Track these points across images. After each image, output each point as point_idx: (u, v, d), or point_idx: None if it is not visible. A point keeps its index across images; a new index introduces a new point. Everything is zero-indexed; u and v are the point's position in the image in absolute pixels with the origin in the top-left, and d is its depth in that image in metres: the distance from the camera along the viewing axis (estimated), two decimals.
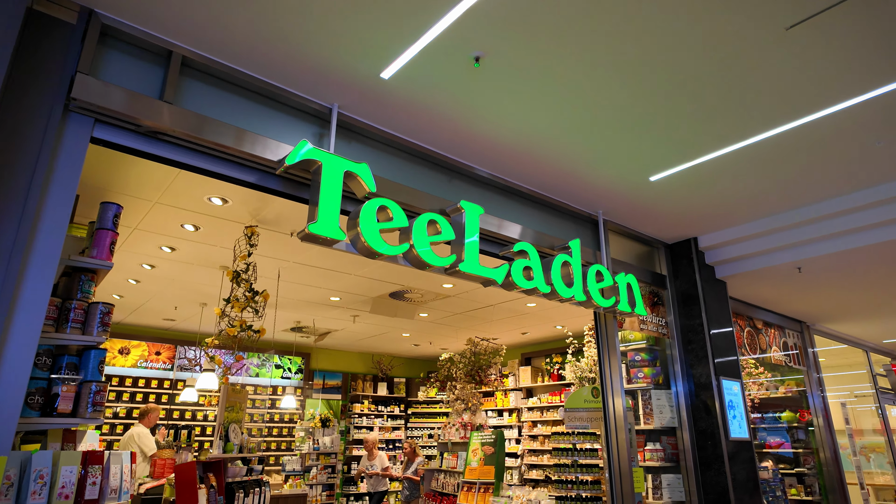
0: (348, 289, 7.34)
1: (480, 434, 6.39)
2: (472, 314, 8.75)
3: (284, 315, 8.82)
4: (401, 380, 12.72)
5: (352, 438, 11.58)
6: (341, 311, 8.62)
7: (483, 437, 6.31)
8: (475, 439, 6.44)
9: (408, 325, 9.64)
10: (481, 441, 6.33)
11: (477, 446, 6.34)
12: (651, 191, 4.60)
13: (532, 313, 8.64)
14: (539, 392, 10.96)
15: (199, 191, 4.57)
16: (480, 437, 6.36)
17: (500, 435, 6.18)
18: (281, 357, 11.16)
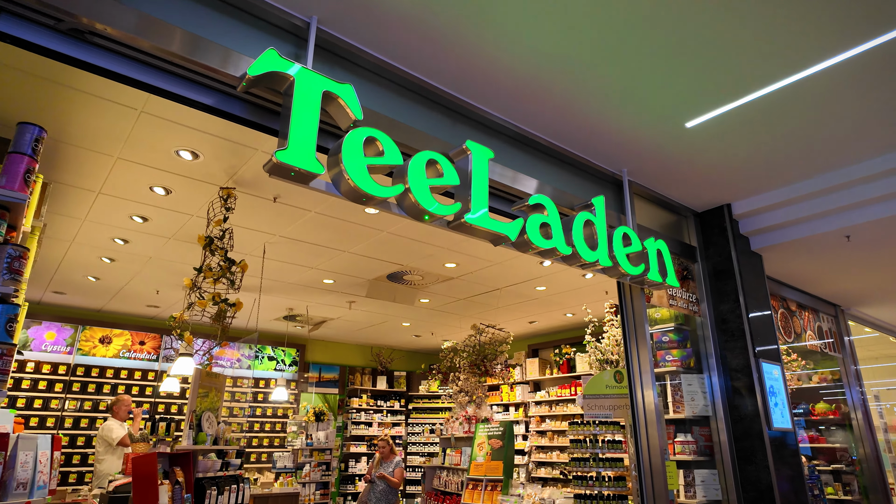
0: (342, 269, 6.74)
1: (487, 426, 5.78)
2: (476, 300, 8.14)
3: (275, 301, 8.22)
4: (401, 373, 12.12)
5: (349, 434, 10.98)
6: (336, 297, 8.02)
7: (490, 430, 5.70)
8: (481, 432, 5.83)
9: (408, 313, 9.04)
10: (488, 434, 5.72)
11: (483, 439, 5.73)
12: (685, 142, 3.98)
13: (541, 298, 8.03)
14: (547, 385, 10.35)
15: (165, 142, 3.97)
16: (487, 429, 5.75)
17: (508, 426, 5.57)
18: (274, 348, 10.56)
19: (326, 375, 11.23)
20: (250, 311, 8.41)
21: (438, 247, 5.97)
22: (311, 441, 8.06)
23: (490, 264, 6.53)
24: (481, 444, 5.71)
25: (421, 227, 5.38)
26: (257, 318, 8.33)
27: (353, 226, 5.42)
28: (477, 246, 5.89)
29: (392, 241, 5.83)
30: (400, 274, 6.98)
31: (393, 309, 8.76)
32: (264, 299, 8.10)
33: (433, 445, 11.52)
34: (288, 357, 10.69)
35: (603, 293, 7.71)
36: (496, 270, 6.78)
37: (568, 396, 9.59)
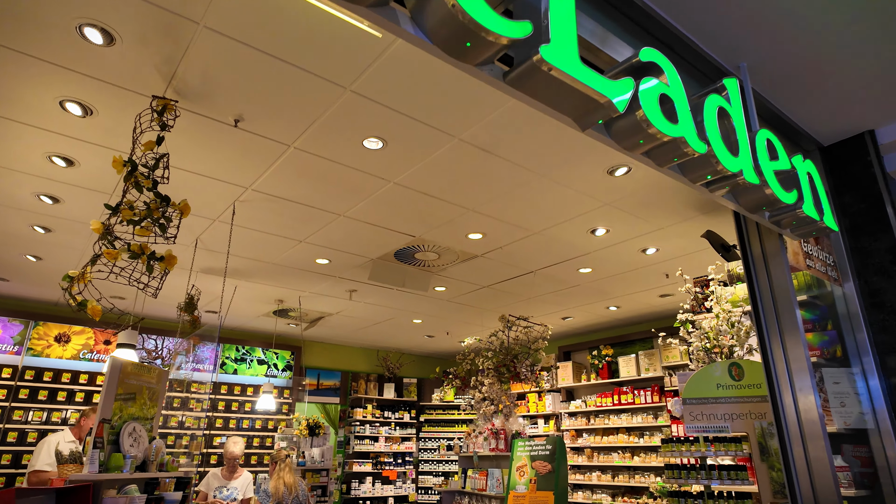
0: (339, 243, 5.35)
1: (528, 443, 4.33)
2: (503, 289, 6.71)
3: (260, 291, 6.83)
4: (411, 380, 10.66)
5: (352, 451, 9.52)
6: (333, 284, 6.63)
7: (533, 448, 4.25)
8: (520, 451, 4.38)
9: (419, 306, 7.62)
10: (530, 453, 4.27)
11: (524, 461, 4.28)
12: (829, 33, 2.57)
13: (583, 285, 6.58)
14: (583, 394, 8.85)
15: (64, 9, 2.60)
16: (528, 447, 4.30)
17: (558, 443, 4.12)
18: (265, 350, 9.16)
19: (326, 382, 9.80)
20: (230, 302, 7.03)
21: (462, 207, 4.57)
22: (303, 460, 6.66)
23: (527, 234, 5.11)
24: (522, 469, 4.25)
25: (438, 176, 3.99)
26: (228, 306, 6.94)
27: (348, 172, 4.03)
28: (511, 206, 4.48)
29: (400, 198, 4.44)
30: (410, 251, 5.57)
31: (402, 301, 7.34)
32: (247, 288, 6.71)
33: (450, 464, 10.02)
34: (281, 361, 9.28)
35: (661, 277, 6.26)
36: (533, 244, 5.35)
37: (610, 406, 8.09)
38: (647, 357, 7.83)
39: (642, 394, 7.75)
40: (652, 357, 7.78)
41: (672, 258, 5.68)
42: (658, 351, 7.70)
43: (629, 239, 5.21)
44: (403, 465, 9.91)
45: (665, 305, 7.44)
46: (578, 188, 4.23)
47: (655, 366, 7.71)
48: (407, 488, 9.74)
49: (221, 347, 8.72)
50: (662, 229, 5.00)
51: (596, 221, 4.84)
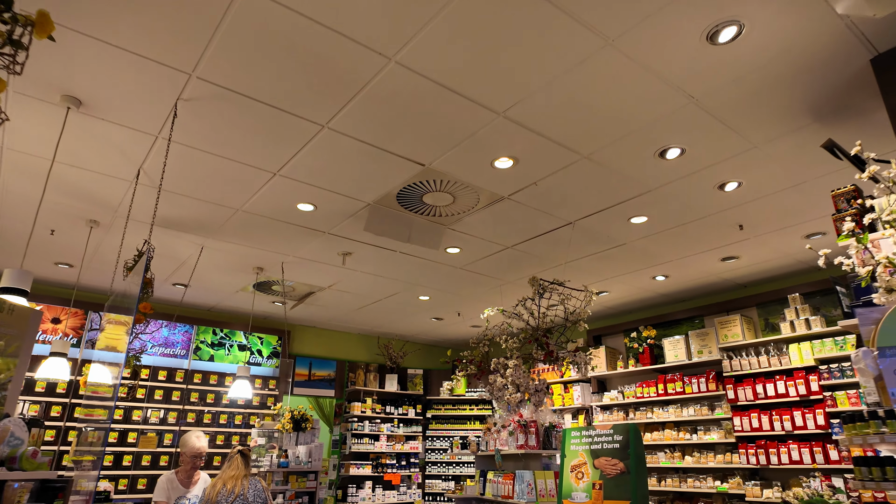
0: (324, 177, 4.10)
1: (588, 433, 3.06)
2: (528, 250, 5.45)
3: (232, 253, 5.59)
4: (416, 371, 9.40)
5: (349, 451, 8.26)
6: (322, 244, 5.38)
7: (595, 440, 2.98)
8: (575, 443, 3.11)
9: (427, 277, 6.36)
10: (591, 447, 3.00)
11: (582, 459, 3.01)
12: None
13: (632, 245, 5.31)
14: (618, 383, 7.58)
15: None
16: (589, 439, 3.04)
17: (632, 433, 2.85)
18: (247, 334, 7.91)
19: (319, 373, 8.54)
20: (194, 266, 5.79)
21: (488, 109, 3.31)
22: (285, 460, 5.42)
23: (572, 160, 3.85)
24: (580, 469, 2.98)
25: (458, 45, 2.74)
26: (192, 270, 5.63)
27: (328, 40, 2.78)
28: (558, 107, 3.22)
29: (404, 93, 3.18)
30: (417, 192, 4.32)
31: (405, 269, 6.09)
32: (217, 250, 5.46)
33: (462, 466, 8.74)
34: (266, 347, 8.03)
35: (732, 229, 4.99)
36: (578, 177, 4.10)
37: (653, 397, 6.81)
38: (700, 338, 6.55)
39: (694, 381, 6.47)
40: (705, 338, 6.50)
41: (755, 199, 4.41)
42: (714, 330, 6.42)
43: (708, 166, 3.94)
44: (408, 467, 8.64)
45: (724, 274, 6.16)
46: (659, 68, 2.97)
47: (710, 347, 6.42)
48: (412, 494, 8.48)
49: (195, 329, 7.47)
50: (756, 148, 3.72)
51: (670, 134, 3.58)
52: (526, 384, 5.56)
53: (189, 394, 7.07)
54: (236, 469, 3.96)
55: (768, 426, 5.71)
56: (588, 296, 4.81)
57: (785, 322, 5.85)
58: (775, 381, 5.78)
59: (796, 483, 5.45)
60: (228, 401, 7.33)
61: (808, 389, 5.52)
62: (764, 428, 5.74)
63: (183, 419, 6.92)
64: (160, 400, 6.85)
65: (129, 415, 6.52)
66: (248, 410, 7.44)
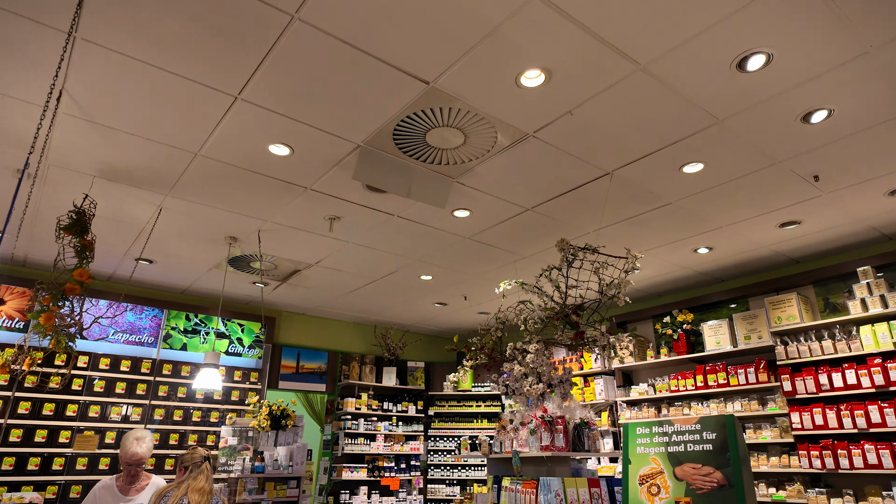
0: (297, 103, 3.19)
1: (660, 429, 2.15)
2: (553, 213, 4.54)
3: (200, 218, 4.69)
4: (417, 364, 8.49)
5: (342, 453, 7.35)
6: (304, 204, 4.47)
7: (673, 439, 2.08)
8: (644, 444, 2.21)
9: (429, 250, 5.45)
10: (668, 448, 2.09)
11: (656, 467, 2.11)
12: None
13: (678, 204, 4.40)
14: (646, 376, 6.68)
15: None
16: (664, 435, 2.13)
17: (729, 428, 1.96)
18: (227, 321, 7.01)
19: (308, 365, 7.64)
20: (150, 230, 4.90)
21: None
22: (261, 464, 4.52)
23: (623, 74, 2.94)
24: (653, 480, 2.08)
25: None
26: (148, 235, 4.68)
27: None
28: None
29: None
30: (419, 128, 3.42)
31: (405, 240, 5.19)
32: (179, 213, 4.55)
33: (470, 470, 7.84)
34: (248, 335, 7.12)
35: (805, 182, 4.09)
36: (626, 102, 3.19)
37: (691, 391, 5.90)
38: (747, 321, 5.64)
39: (740, 372, 5.56)
40: (754, 321, 5.59)
41: (843, 136, 3.50)
42: (764, 311, 5.52)
43: (797, 85, 3.03)
44: (408, 470, 7.74)
45: (777, 245, 5.26)
46: None
47: (760, 331, 5.51)
48: (413, 501, 7.57)
49: (166, 314, 6.56)
50: (866, 55, 2.82)
51: (756, 33, 2.67)
52: (549, 373, 4.68)
53: (157, 387, 6.17)
54: (206, 482, 3.07)
55: (835, 423, 4.81)
56: (630, 261, 3.90)
57: (853, 300, 4.95)
58: (843, 369, 4.87)
59: (874, 492, 4.55)
60: (203, 395, 6.43)
61: (887, 379, 4.61)
62: (830, 425, 4.83)
63: (149, 416, 6.02)
64: (122, 394, 5.94)
65: (63, 410, 5.58)
66: (227, 407, 6.54)
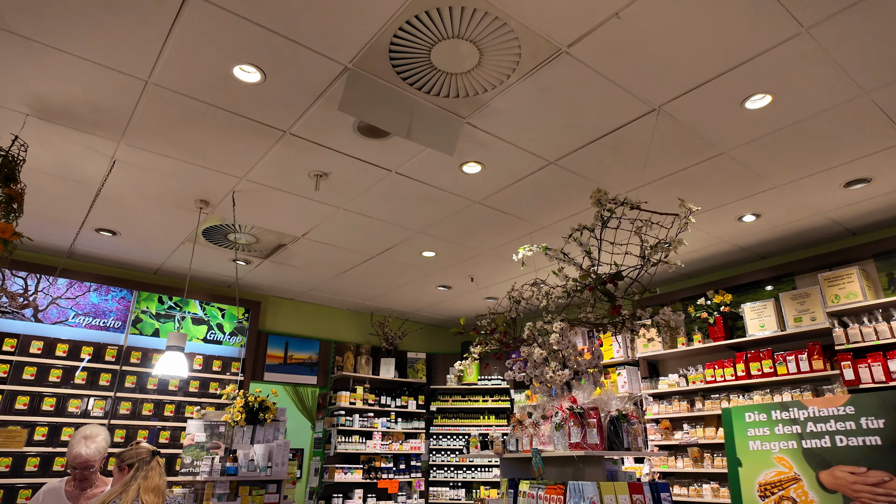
0: (271, 6, 2.48)
1: (785, 413, 1.43)
2: (581, 168, 3.81)
3: (163, 174, 3.96)
4: (419, 356, 7.76)
5: (334, 452, 6.63)
6: (283, 153, 3.74)
7: (808, 427, 1.37)
8: (759, 434, 1.49)
9: (432, 218, 4.73)
10: (802, 442, 1.38)
11: (787, 471, 1.39)
12: None
13: (731, 154, 3.67)
14: (676, 366, 5.96)
15: None
16: (793, 423, 1.41)
17: None
18: (205, 305, 6.28)
19: (298, 355, 6.92)
20: (101, 184, 4.19)
21: None
22: (233, 464, 3.81)
23: None
24: (783, 488, 1.34)
25: None
26: (98, 190, 3.92)
27: None
28: None
29: None
30: (424, 42, 2.70)
31: (404, 205, 4.47)
32: (138, 167, 3.82)
33: (477, 471, 7.13)
34: (229, 321, 6.40)
35: (887, 125, 3.36)
36: (687, 6, 2.47)
37: (729, 381, 5.18)
38: (797, 301, 4.92)
39: (790, 359, 4.84)
40: (806, 300, 4.87)
41: None
42: (818, 290, 4.79)
43: None
44: (408, 471, 7.02)
45: (836, 212, 4.53)
46: None
47: (814, 312, 4.79)
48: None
49: (135, 296, 5.84)
50: None
51: None
52: (575, 357, 3.97)
53: (123, 377, 5.44)
54: (160, 478, 2.50)
55: None
56: (683, 217, 3.19)
57: None
58: None
59: None
60: (177, 387, 5.70)
61: None
62: None
63: (114, 410, 5.30)
64: (82, 385, 5.22)
65: (12, 402, 4.85)
66: (204, 400, 5.81)
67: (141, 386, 5.52)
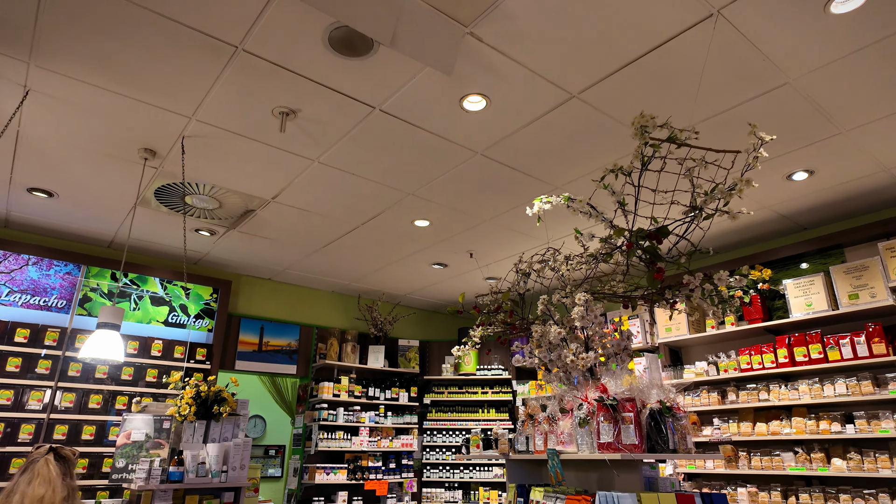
0: None
1: None
2: (613, 102, 3.08)
3: (87, 110, 3.19)
4: (411, 343, 7.03)
5: (314, 450, 5.90)
6: (236, 80, 2.98)
7: None
8: None
9: (428, 179, 3.98)
10: None
11: None
12: None
13: (796, 90, 2.93)
14: (702, 353, 5.27)
15: None
16: None
17: None
18: (166, 283, 5.52)
19: (275, 342, 6.17)
20: (8, 120, 3.42)
21: None
22: (178, 469, 3.07)
23: None
24: None
25: None
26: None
27: None
28: None
29: None
30: None
31: (395, 162, 3.72)
32: (53, 95, 3.05)
33: (475, 470, 6.42)
34: (195, 302, 5.64)
35: None
36: None
37: (771, 369, 4.49)
38: (852, 276, 4.21)
39: (844, 343, 4.14)
40: (863, 275, 4.16)
41: None
42: (878, 261, 4.09)
43: None
44: (398, 471, 6.30)
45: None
46: None
47: (874, 288, 4.08)
48: None
49: (83, 271, 5.07)
50: None
51: None
52: (601, 337, 3.27)
53: (67, 364, 4.69)
54: (45, 486, 1.87)
55: None
56: (753, 149, 2.46)
57: None
58: None
59: None
60: (131, 376, 4.95)
61: None
62: None
63: (54, 403, 4.54)
64: (16, 373, 4.46)
65: None
66: (165, 391, 5.07)
67: (88, 375, 4.76)
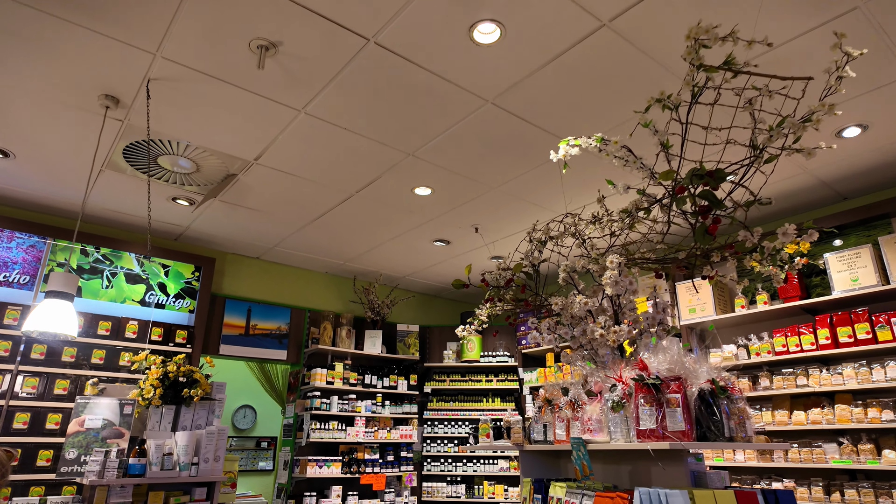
0: None
1: None
2: (649, 32, 2.61)
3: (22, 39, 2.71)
4: (411, 328, 6.58)
5: (306, 441, 5.45)
6: (201, 10, 2.51)
7: None
8: None
9: (429, 136, 3.51)
10: None
11: None
12: None
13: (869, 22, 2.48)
14: (733, 334, 4.83)
15: None
16: None
17: None
18: (141, 259, 5.05)
19: (263, 325, 5.72)
20: None
21: None
22: (139, 461, 2.64)
23: None
24: None
25: None
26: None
27: None
28: None
29: None
30: None
31: (392, 115, 3.25)
32: None
33: (479, 463, 5.99)
34: (174, 280, 5.18)
35: None
36: None
37: (810, 351, 4.04)
38: None
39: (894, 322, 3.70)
40: None
41: None
42: None
43: None
44: (397, 464, 5.87)
45: None
46: None
47: None
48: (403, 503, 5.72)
49: (49, 245, 4.60)
50: None
51: None
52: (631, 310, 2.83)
53: (30, 346, 4.23)
54: None
55: None
56: (837, 68, 1.98)
57: None
58: None
59: None
60: (102, 360, 4.50)
61: None
62: None
63: (14, 389, 4.09)
64: None
65: None
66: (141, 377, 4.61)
67: (54, 358, 4.30)
